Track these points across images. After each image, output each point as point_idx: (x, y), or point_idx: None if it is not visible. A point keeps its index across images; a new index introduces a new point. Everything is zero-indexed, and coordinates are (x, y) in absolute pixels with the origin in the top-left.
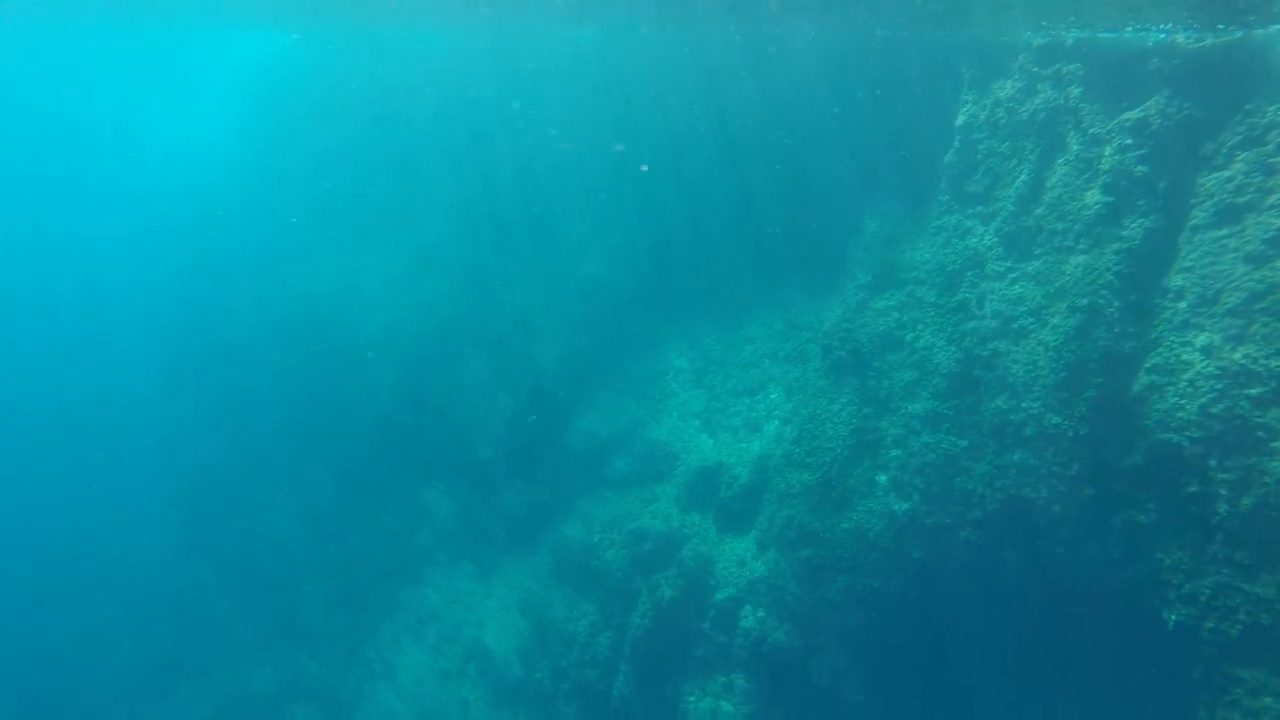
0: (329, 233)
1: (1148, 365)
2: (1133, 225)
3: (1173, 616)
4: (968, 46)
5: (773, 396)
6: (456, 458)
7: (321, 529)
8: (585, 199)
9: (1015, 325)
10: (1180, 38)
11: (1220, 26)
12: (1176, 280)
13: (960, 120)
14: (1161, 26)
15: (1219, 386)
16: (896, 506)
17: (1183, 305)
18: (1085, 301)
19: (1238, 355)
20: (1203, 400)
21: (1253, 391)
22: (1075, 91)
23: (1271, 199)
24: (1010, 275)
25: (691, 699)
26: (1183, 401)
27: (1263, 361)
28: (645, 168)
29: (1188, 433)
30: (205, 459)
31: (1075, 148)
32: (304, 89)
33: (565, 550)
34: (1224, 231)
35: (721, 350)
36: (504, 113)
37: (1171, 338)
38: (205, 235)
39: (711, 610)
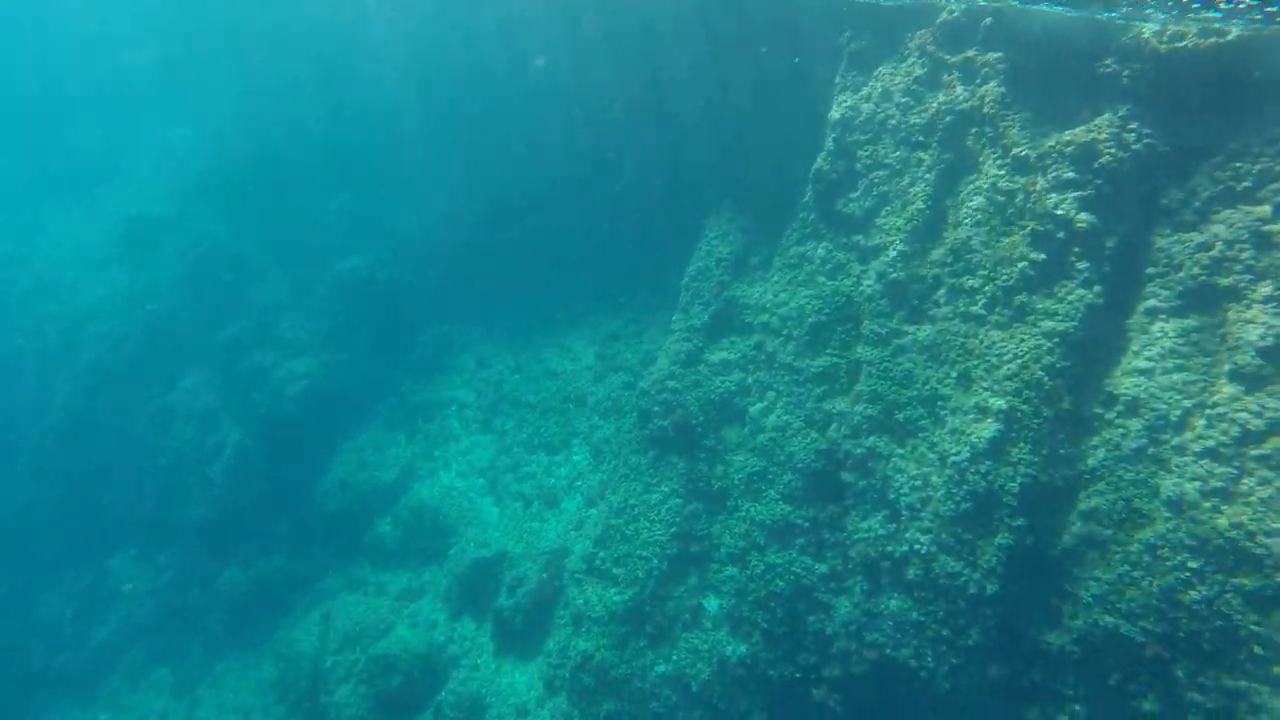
0: None
1: (1083, 508)
2: (1070, 298)
3: None
4: (851, 3)
5: (576, 458)
6: (162, 513)
7: None
8: (361, 161)
9: (900, 417)
10: (1148, 31)
11: (1200, 12)
12: (1127, 385)
13: (836, 114)
14: (1125, 10)
15: (1194, 565)
16: (730, 649)
17: (1136, 425)
18: (1002, 403)
19: (1222, 521)
20: (1168, 580)
21: (1247, 583)
22: (994, 91)
23: (1265, 287)
24: (896, 341)
25: None
26: (1136, 574)
27: (1263, 539)
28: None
29: (1143, 622)
30: None
31: (993, 173)
32: None
33: (292, 664)
34: (1193, 322)
35: (517, 383)
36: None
37: (1121, 472)
38: None
39: None
